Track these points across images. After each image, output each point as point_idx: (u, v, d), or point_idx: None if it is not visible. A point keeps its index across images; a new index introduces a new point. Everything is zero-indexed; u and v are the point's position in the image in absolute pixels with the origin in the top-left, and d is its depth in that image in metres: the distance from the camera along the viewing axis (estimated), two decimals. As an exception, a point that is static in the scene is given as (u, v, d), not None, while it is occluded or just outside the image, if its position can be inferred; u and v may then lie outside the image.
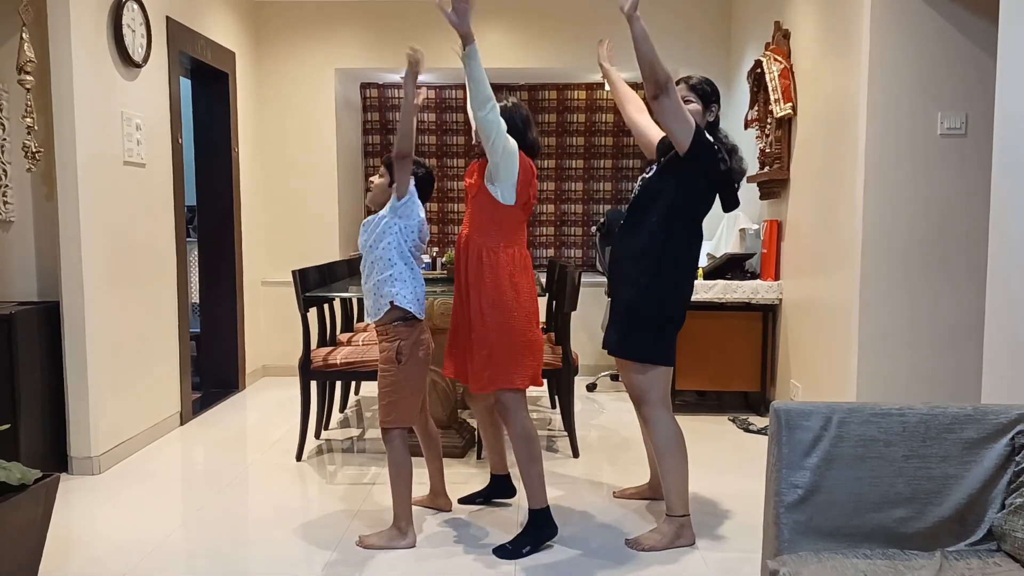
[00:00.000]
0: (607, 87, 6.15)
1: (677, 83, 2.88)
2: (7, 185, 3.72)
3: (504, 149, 2.81)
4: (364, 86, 6.41)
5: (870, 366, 3.61)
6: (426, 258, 5.42)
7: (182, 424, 4.59)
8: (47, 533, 2.62)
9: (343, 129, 6.06)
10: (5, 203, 3.72)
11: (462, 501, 3.37)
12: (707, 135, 2.82)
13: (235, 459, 4.01)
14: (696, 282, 4.63)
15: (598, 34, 5.75)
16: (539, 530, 2.95)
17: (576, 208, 6.44)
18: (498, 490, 3.42)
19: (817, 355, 4.12)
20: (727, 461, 3.99)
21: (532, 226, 6.45)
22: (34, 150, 3.53)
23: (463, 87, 6.30)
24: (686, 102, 2.85)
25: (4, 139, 3.69)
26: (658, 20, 5.72)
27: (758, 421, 4.62)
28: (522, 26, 5.80)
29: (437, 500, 3.30)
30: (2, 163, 3.70)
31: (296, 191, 5.91)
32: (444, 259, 4.77)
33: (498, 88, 6.28)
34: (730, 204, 2.98)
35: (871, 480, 1.91)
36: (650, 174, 2.99)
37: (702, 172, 2.83)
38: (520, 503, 3.30)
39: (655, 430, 2.96)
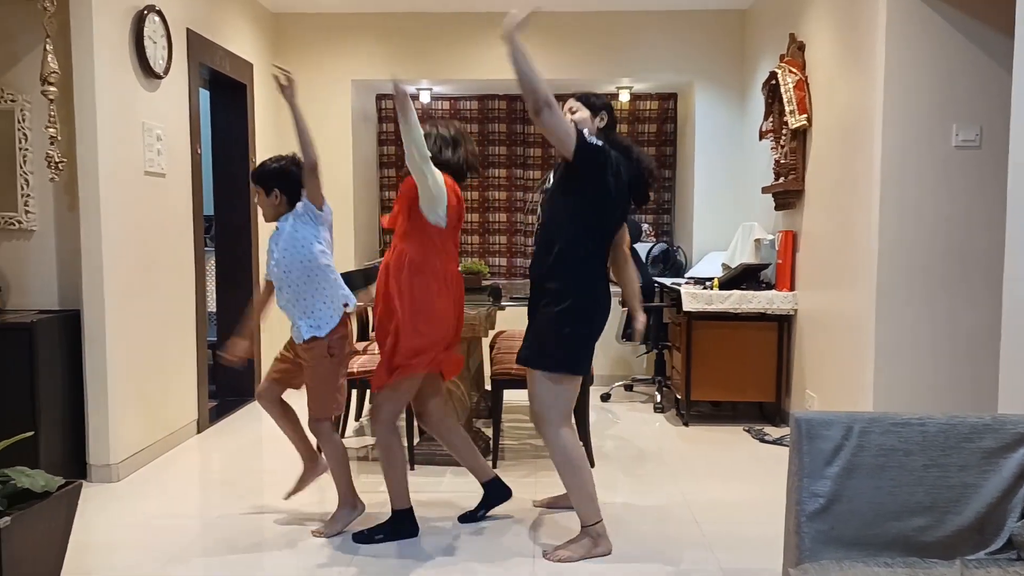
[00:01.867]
0: (622, 97, 6.18)
1: (565, 98, 3.05)
2: (29, 195, 3.77)
3: (434, 185, 2.99)
4: (380, 97, 6.47)
5: (886, 377, 3.60)
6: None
7: (199, 432, 4.62)
8: (69, 539, 2.65)
9: (359, 140, 6.11)
10: (27, 212, 3.77)
11: (462, 520, 3.32)
12: (591, 139, 2.89)
13: (252, 467, 4.03)
14: (711, 292, 4.67)
15: (608, 47, 5.83)
16: (398, 527, 3.11)
17: (590, 218, 6.45)
18: (494, 496, 3.38)
19: (833, 366, 4.11)
20: (743, 471, 3.98)
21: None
22: (56, 160, 3.57)
23: (503, 98, 6.35)
24: (572, 112, 2.99)
25: (27, 149, 3.75)
26: (672, 31, 5.77)
27: (773, 431, 4.62)
28: (536, 38, 5.82)
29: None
30: (25, 173, 3.75)
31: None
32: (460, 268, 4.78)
33: (513, 99, 6.33)
34: (640, 200, 3.08)
35: (891, 489, 1.92)
36: (547, 193, 3.09)
37: (591, 176, 2.88)
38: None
39: (552, 448, 2.98)
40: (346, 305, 3.10)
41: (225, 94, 5.30)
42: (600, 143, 2.90)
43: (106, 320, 3.71)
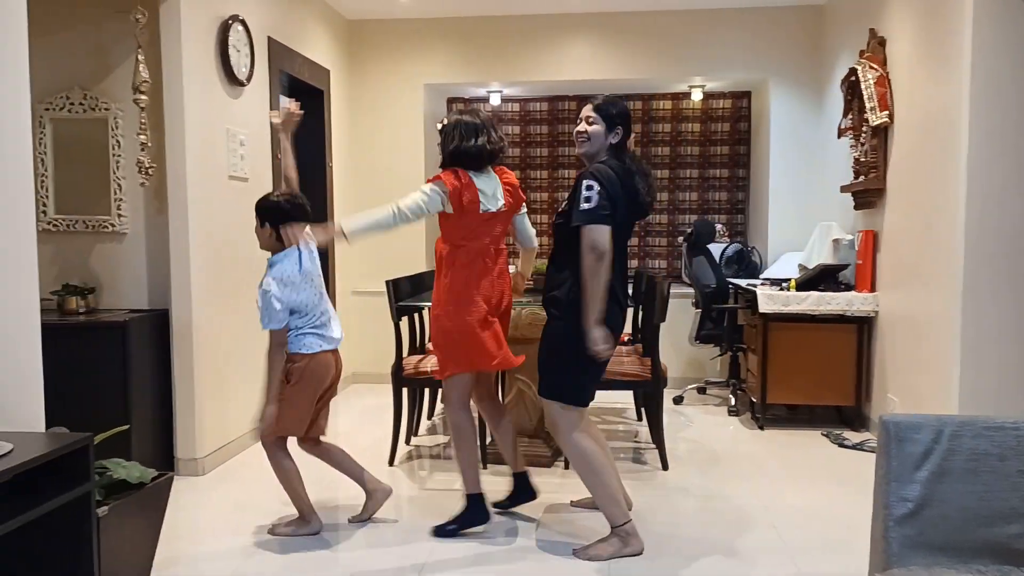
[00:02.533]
0: (695, 96, 6.12)
1: (584, 104, 3.02)
2: (121, 199, 3.94)
3: (429, 210, 3.15)
4: (451, 100, 6.54)
5: (972, 380, 3.48)
6: (512, 268, 5.47)
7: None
8: (161, 528, 2.76)
9: (431, 143, 6.18)
10: (119, 216, 3.94)
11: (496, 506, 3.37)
12: (601, 219, 2.79)
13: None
14: (788, 293, 4.59)
15: (680, 45, 5.78)
16: (469, 515, 3.17)
17: (661, 219, 6.41)
18: (517, 494, 3.41)
19: (916, 368, 3.99)
20: (821, 476, 3.90)
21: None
22: (147, 166, 3.73)
23: (573, 99, 6.37)
24: (589, 122, 2.95)
25: (119, 156, 3.91)
26: (749, 28, 5.68)
27: (853, 436, 4.50)
28: (607, 38, 5.83)
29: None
30: (117, 178, 3.92)
31: (384, 203, 6.04)
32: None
33: (584, 99, 6.33)
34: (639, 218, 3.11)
35: (983, 495, 1.86)
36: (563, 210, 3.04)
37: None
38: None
39: (569, 454, 3.01)
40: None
41: (303, 100, 5.38)
42: (588, 185, 2.81)
43: (193, 319, 3.85)
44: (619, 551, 2.94)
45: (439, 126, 3.32)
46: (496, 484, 3.50)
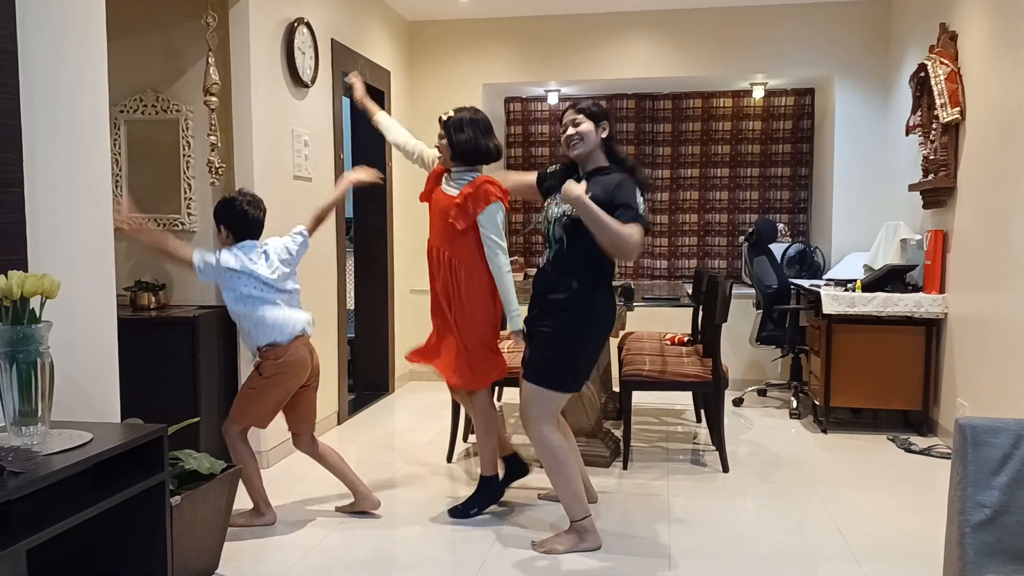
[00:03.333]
0: (756, 94, 6.03)
1: (565, 109, 3.07)
2: (191, 198, 4.05)
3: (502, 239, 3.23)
4: (508, 100, 6.56)
5: (1050, 386, 3.36)
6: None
7: (339, 424, 4.83)
8: (230, 518, 2.84)
9: (489, 143, 6.21)
10: (189, 215, 4.05)
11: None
12: (641, 215, 2.88)
13: (389, 459, 4.18)
14: (854, 294, 4.49)
15: (741, 42, 5.70)
16: (487, 494, 3.34)
17: (721, 218, 6.33)
18: (511, 472, 3.51)
19: (987, 372, 3.87)
20: (888, 482, 3.81)
21: (674, 236, 6.39)
22: (216, 165, 3.83)
23: (632, 97, 6.34)
24: (577, 125, 2.99)
25: (189, 156, 4.02)
26: (813, 24, 5.58)
27: (920, 441, 4.38)
28: (666, 36, 5.78)
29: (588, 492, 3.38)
30: (188, 178, 4.03)
31: (444, 203, 6.10)
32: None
33: (642, 97, 6.29)
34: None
35: (1066, 503, 1.79)
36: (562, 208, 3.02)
37: None
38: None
39: (538, 446, 3.04)
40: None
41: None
42: (637, 194, 2.91)
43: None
44: (575, 546, 3.01)
45: (445, 117, 3.38)
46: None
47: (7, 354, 2.07)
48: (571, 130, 3.00)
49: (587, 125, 2.98)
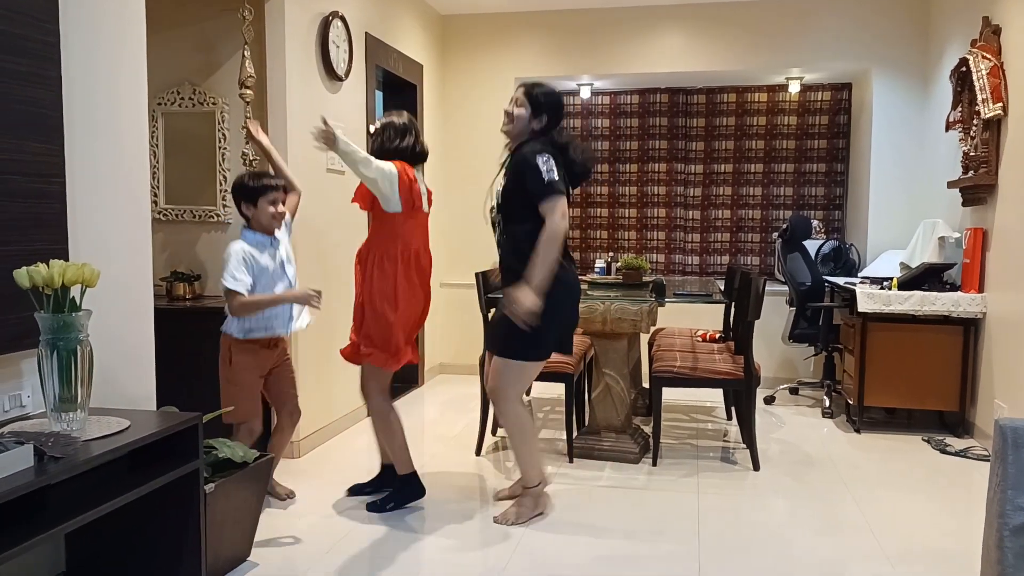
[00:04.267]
0: (792, 89, 5.96)
1: (520, 85, 3.21)
2: (226, 190, 4.09)
3: (384, 180, 3.16)
4: (541, 94, 6.53)
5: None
6: (600, 263, 5.46)
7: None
8: (262, 507, 2.87)
9: (521, 136, 6.20)
10: (224, 206, 4.09)
11: (351, 492, 3.54)
12: (547, 176, 2.99)
13: (419, 451, 4.20)
14: (889, 293, 4.42)
15: (777, 36, 5.63)
16: (404, 491, 3.38)
17: (754, 214, 6.26)
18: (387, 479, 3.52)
19: (1028, 374, 3.79)
20: (923, 483, 3.75)
21: (706, 232, 6.34)
22: (251, 158, 3.86)
23: (665, 91, 6.30)
24: (518, 104, 3.12)
25: (225, 148, 4.07)
26: (851, 17, 5.50)
27: (956, 443, 4.31)
28: (701, 30, 5.73)
29: None
30: (223, 170, 4.08)
31: (474, 197, 6.11)
32: (619, 264, 4.77)
33: (675, 92, 6.24)
34: (576, 185, 3.26)
35: (1110, 508, 1.75)
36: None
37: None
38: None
39: (506, 418, 3.21)
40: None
41: (397, 94, 5.53)
42: (543, 159, 3.00)
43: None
44: (532, 510, 3.22)
45: (372, 128, 3.40)
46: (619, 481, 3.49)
47: (48, 341, 2.11)
48: (508, 106, 3.14)
49: (523, 111, 3.11)
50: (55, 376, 2.12)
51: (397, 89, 5.50)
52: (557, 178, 2.99)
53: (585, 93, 6.31)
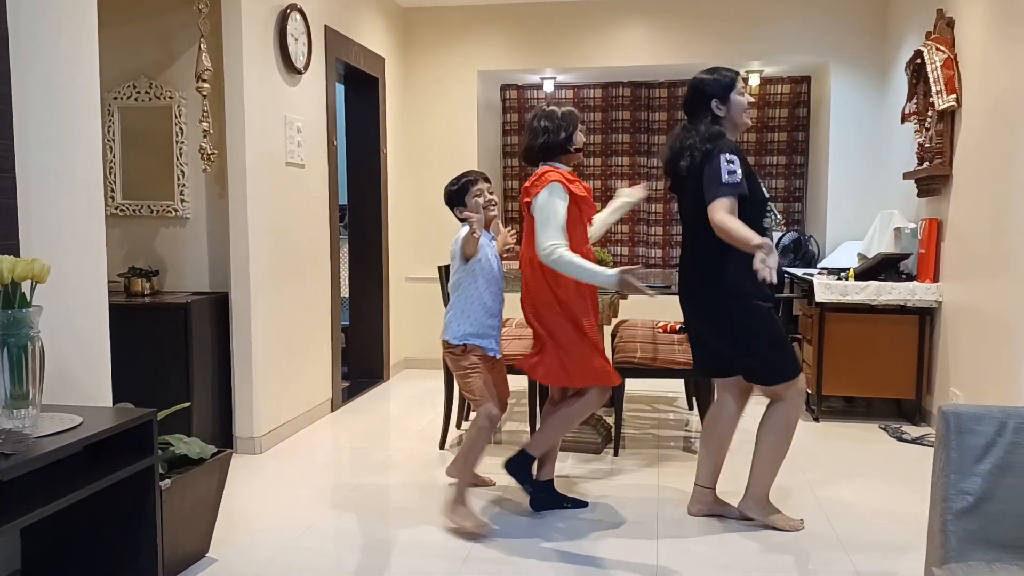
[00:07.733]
0: (752, 82, 6.00)
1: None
2: (184, 185, 4.04)
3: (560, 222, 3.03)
4: (504, 88, 6.54)
5: (1041, 375, 3.37)
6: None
7: (332, 411, 4.84)
8: (220, 503, 2.85)
9: (484, 130, 6.20)
10: (183, 201, 4.05)
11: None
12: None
13: (382, 445, 4.20)
14: (846, 283, 4.49)
15: (738, 29, 5.68)
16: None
17: (716, 207, 6.31)
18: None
19: (981, 362, 3.88)
20: (879, 471, 3.82)
21: (668, 224, 6.39)
22: (209, 152, 3.82)
23: (627, 85, 6.32)
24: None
25: (182, 143, 4.02)
26: (810, 10, 5.57)
27: (912, 430, 4.40)
28: (662, 23, 5.76)
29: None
30: (180, 165, 4.03)
31: (439, 190, 6.08)
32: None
33: (637, 86, 6.27)
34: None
35: (1049, 490, 1.80)
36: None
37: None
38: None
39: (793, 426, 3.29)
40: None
41: (359, 88, 5.51)
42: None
43: (251, 302, 3.94)
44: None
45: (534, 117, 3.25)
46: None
47: (-3, 338, 2.07)
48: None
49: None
50: (6, 373, 2.09)
51: (359, 82, 5.47)
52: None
53: (548, 87, 6.31)
